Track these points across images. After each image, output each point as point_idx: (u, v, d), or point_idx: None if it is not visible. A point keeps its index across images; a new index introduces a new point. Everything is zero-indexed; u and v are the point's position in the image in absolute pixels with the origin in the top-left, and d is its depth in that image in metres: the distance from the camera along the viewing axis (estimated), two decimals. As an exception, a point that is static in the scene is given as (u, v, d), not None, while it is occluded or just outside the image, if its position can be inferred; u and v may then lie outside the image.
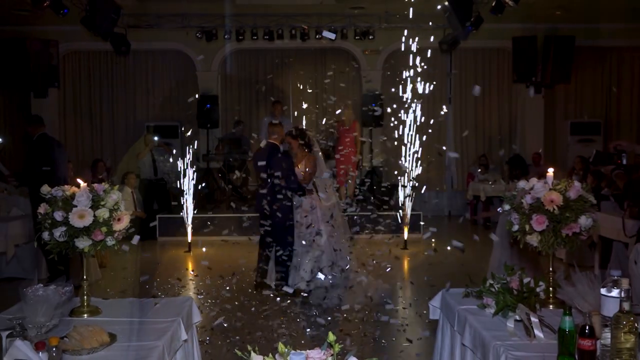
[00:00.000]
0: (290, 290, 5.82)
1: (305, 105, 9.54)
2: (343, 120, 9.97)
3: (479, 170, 11.55)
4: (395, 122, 8.99)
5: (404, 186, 8.74)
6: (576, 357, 2.20)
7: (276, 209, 6.14)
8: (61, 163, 6.78)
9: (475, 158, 12.41)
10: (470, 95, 12.66)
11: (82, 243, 2.88)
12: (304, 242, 6.30)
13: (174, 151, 9.73)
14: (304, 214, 6.34)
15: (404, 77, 8.66)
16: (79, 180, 3.02)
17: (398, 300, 6.15)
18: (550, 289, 3.04)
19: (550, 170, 3.10)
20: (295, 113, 9.71)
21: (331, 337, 1.67)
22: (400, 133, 8.62)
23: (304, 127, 7.05)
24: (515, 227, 3.07)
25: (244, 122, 12.07)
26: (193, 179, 8.77)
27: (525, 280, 2.88)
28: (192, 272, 7.69)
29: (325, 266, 6.25)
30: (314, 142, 6.69)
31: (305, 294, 6.14)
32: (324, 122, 11.57)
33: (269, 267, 6.44)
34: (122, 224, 3.00)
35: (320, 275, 6.23)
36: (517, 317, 2.68)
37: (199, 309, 3.28)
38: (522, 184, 3.11)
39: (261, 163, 6.30)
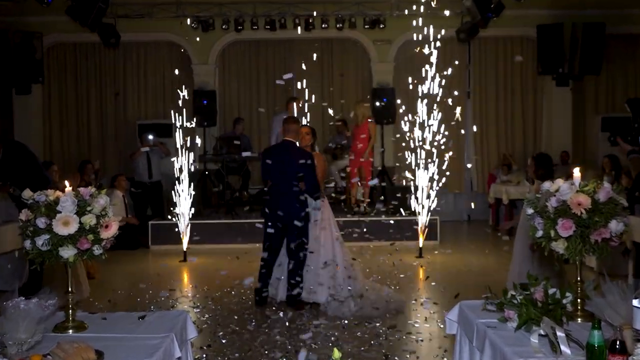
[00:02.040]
0: (323, 299, 5.98)
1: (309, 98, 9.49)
2: (357, 118, 9.98)
3: (501, 170, 11.55)
4: (409, 119, 9.00)
5: (413, 192, 8.74)
6: (606, 375, 2.19)
7: (301, 214, 6.14)
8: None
9: (497, 157, 12.39)
10: (491, 89, 12.64)
11: (67, 252, 2.88)
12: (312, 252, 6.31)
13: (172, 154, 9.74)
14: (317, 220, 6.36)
15: (417, 69, 8.68)
16: (65, 183, 3.02)
17: (412, 314, 6.14)
18: (578, 300, 3.02)
19: (576, 170, 3.08)
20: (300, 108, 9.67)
21: (336, 354, 1.67)
22: (413, 130, 8.61)
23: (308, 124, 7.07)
24: (540, 233, 3.05)
25: (244, 119, 12.12)
26: (190, 184, 8.78)
27: (551, 291, 2.87)
28: (188, 284, 7.71)
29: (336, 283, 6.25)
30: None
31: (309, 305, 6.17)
32: (336, 118, 11.60)
33: (277, 280, 6.41)
34: (110, 231, 2.99)
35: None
36: (542, 332, 2.67)
37: (194, 323, 3.28)
38: (546, 185, 3.09)
39: (302, 161, 6.10)
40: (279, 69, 12.55)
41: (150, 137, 11.18)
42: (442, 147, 8.62)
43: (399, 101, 10.31)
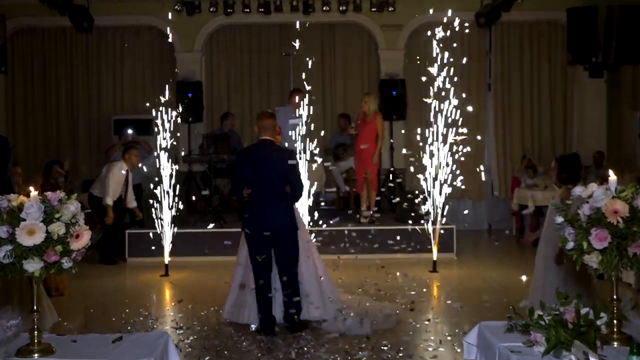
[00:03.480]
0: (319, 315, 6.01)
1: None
2: (363, 113, 9.98)
3: (526, 173, 11.56)
4: (422, 115, 9.01)
5: (425, 197, 8.74)
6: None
7: (292, 223, 6.13)
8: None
9: (521, 158, 12.38)
10: (514, 81, 12.66)
11: (32, 266, 2.88)
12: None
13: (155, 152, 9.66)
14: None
15: (431, 58, 8.68)
16: (30, 188, 3.02)
17: (424, 336, 6.13)
18: (614, 321, 3.02)
19: (612, 173, 3.08)
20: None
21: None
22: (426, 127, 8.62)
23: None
24: (570, 245, 3.05)
25: (234, 114, 12.09)
26: (174, 188, 8.78)
27: (583, 310, 2.86)
28: (170, 301, 7.71)
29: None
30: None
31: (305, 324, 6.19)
32: (339, 114, 11.60)
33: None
34: (81, 241, 3.00)
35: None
36: (573, 357, 2.67)
37: (177, 347, 3.29)
38: (578, 190, 3.09)
39: (288, 161, 6.08)
40: (274, 58, 12.58)
41: (130, 131, 11.19)
42: (460, 147, 8.61)
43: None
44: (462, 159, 8.65)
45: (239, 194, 6.22)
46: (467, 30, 9.71)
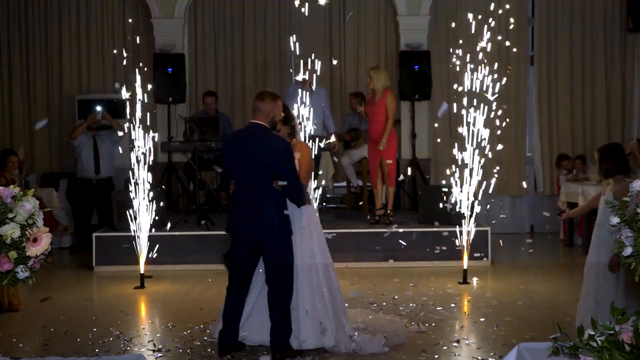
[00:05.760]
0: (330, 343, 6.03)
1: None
2: (372, 91, 9.99)
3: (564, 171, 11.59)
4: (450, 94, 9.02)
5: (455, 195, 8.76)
6: None
7: (282, 226, 6.10)
8: None
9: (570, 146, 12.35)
10: (562, 54, 12.61)
11: (-21, 276, 2.91)
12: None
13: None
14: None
15: (461, 27, 8.68)
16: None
17: (453, 359, 6.17)
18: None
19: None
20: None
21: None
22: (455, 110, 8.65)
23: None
24: (628, 251, 3.06)
25: (217, 94, 11.97)
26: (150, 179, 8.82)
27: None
28: (146, 318, 7.74)
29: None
30: (297, 126, 6.69)
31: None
32: (350, 93, 11.59)
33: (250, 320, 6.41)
34: (39, 246, 3.01)
35: None
36: (628, 384, 2.69)
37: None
38: (637, 185, 3.10)
39: (278, 152, 6.01)
40: (271, 26, 12.56)
41: (99, 108, 11.22)
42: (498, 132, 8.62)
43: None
44: (500, 146, 8.63)
45: (228, 188, 6.25)
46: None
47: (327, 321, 6.15)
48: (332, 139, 10.22)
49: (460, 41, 8.82)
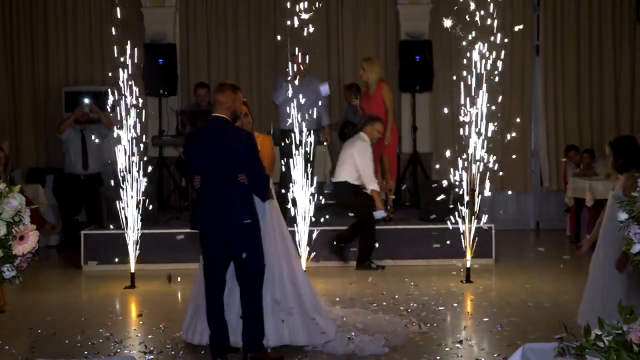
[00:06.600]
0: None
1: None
2: (365, 84, 9.96)
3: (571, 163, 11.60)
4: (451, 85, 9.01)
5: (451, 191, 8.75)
6: None
7: (248, 220, 6.06)
8: None
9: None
10: (569, 43, 12.59)
11: (-38, 276, 2.90)
12: None
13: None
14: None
15: (464, 14, 8.68)
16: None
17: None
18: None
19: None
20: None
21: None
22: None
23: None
24: (637, 248, 3.06)
25: (209, 85, 11.95)
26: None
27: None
28: (137, 319, 7.74)
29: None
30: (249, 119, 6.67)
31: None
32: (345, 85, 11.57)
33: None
34: (26, 244, 3.00)
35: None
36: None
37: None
38: (646, 180, 3.09)
39: (241, 144, 6.04)
40: (265, 14, 12.53)
41: (87, 100, 11.19)
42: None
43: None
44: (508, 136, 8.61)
45: (192, 184, 6.24)
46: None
47: (292, 318, 6.18)
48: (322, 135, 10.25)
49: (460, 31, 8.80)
